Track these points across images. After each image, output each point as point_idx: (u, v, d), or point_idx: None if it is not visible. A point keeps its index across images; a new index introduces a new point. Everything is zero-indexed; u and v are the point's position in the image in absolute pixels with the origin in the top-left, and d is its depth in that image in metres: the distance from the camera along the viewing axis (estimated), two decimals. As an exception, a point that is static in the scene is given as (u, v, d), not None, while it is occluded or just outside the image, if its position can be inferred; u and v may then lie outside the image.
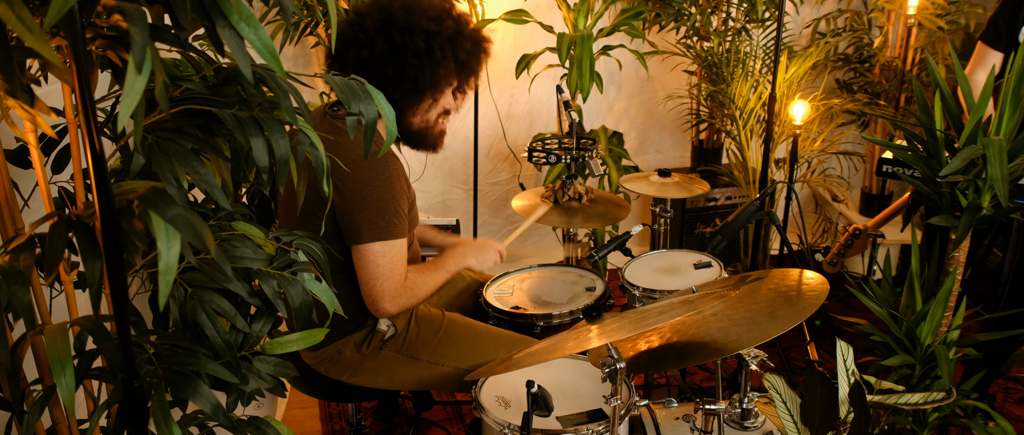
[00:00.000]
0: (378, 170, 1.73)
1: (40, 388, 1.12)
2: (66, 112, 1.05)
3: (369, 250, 1.76)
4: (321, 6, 2.67)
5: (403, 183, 1.80)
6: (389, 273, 1.78)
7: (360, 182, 1.72)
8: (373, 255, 1.76)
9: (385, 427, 2.57)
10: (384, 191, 1.74)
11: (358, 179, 1.72)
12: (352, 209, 1.73)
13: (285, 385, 1.21)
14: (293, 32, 2.85)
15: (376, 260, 1.76)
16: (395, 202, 1.76)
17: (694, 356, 1.44)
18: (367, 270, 1.77)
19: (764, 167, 2.95)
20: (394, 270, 1.79)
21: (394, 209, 1.76)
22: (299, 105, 1.03)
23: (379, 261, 1.76)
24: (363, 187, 1.72)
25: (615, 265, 3.60)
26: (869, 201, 3.83)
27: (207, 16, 0.88)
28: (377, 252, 1.76)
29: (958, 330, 1.76)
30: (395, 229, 1.77)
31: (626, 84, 3.86)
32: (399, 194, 1.77)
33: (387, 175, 1.74)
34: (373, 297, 1.80)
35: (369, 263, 1.77)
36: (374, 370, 1.91)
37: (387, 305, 1.81)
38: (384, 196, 1.74)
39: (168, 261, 0.85)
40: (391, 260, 1.78)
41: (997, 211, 1.65)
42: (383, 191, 1.74)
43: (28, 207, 1.40)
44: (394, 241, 1.77)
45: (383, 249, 1.76)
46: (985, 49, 2.40)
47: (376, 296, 1.79)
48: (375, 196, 1.73)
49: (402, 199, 1.79)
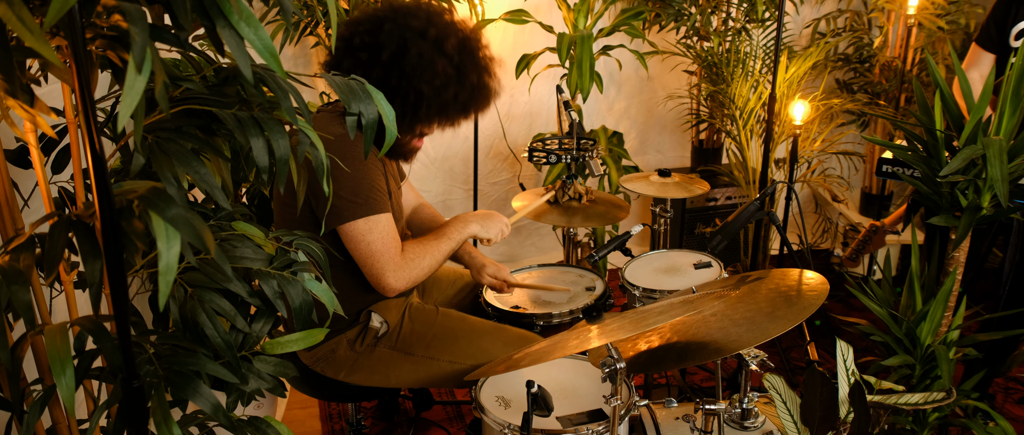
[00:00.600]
0: (345, 150, 1.71)
1: (40, 388, 1.12)
2: (66, 112, 1.05)
3: (354, 228, 1.73)
4: (321, 6, 2.67)
5: (375, 161, 1.77)
6: (382, 247, 1.76)
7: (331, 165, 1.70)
8: (359, 233, 1.74)
9: (385, 427, 2.57)
10: (355, 168, 1.71)
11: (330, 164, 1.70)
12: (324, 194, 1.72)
13: (285, 385, 1.21)
14: (293, 32, 2.85)
15: (365, 237, 1.74)
16: (368, 177, 1.73)
17: (694, 356, 1.44)
18: (360, 249, 1.76)
19: (764, 167, 2.95)
20: (387, 243, 1.76)
21: (369, 184, 1.73)
22: (299, 105, 1.03)
23: (367, 238, 1.74)
24: (334, 169, 1.69)
25: (615, 265, 3.60)
26: (869, 201, 3.83)
27: (207, 16, 0.88)
28: (362, 229, 1.74)
29: (958, 330, 1.76)
30: (374, 204, 1.74)
31: (626, 84, 3.86)
32: (371, 171, 1.74)
33: (353, 154, 1.71)
34: (375, 275, 1.78)
35: (359, 242, 1.75)
36: (370, 368, 1.91)
37: (391, 280, 1.78)
38: (356, 174, 1.71)
39: (168, 261, 0.85)
40: (381, 235, 1.75)
41: (997, 211, 1.65)
42: (354, 168, 1.70)
43: (28, 207, 1.40)
44: (378, 216, 1.75)
45: (367, 225, 1.74)
46: (977, 50, 2.45)
47: (378, 273, 1.77)
48: (347, 176, 1.70)
49: (376, 174, 1.76)
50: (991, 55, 2.41)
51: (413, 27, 1.73)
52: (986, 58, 2.42)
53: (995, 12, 2.38)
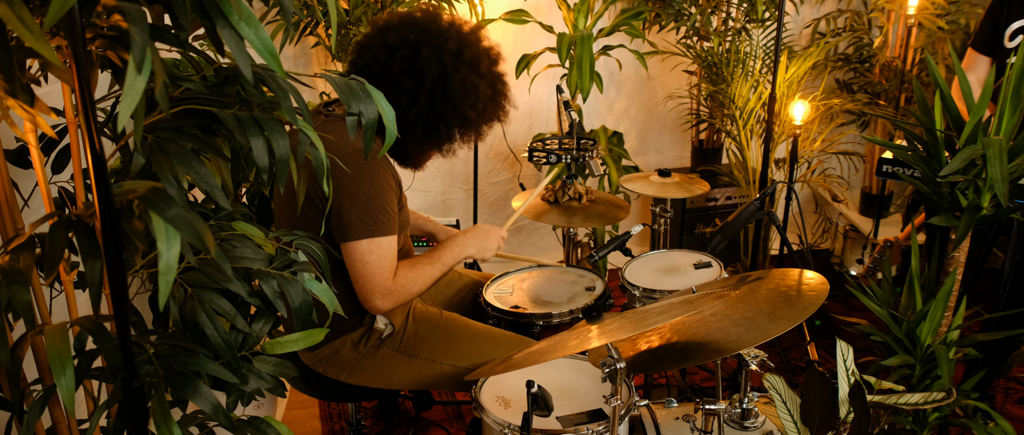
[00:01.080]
0: (364, 167, 1.73)
1: (40, 388, 1.12)
2: (66, 112, 1.05)
3: (356, 247, 1.75)
4: (321, 6, 2.67)
5: (391, 181, 1.80)
6: (377, 271, 1.78)
7: (347, 179, 1.71)
8: (360, 252, 1.76)
9: (385, 427, 2.57)
10: (371, 188, 1.73)
11: (345, 176, 1.71)
12: (341, 207, 1.73)
13: (285, 385, 1.21)
14: (293, 32, 2.85)
15: (364, 258, 1.76)
16: (382, 199, 1.75)
17: (694, 356, 1.44)
18: (356, 267, 1.77)
19: (764, 167, 2.95)
20: (382, 267, 1.78)
21: (381, 206, 1.75)
22: (299, 105, 1.03)
23: (367, 259, 1.76)
24: (350, 184, 1.72)
25: (615, 265, 3.60)
26: (869, 201, 3.83)
27: (207, 16, 0.88)
28: (364, 249, 1.76)
29: (958, 330, 1.76)
30: (382, 226, 1.76)
31: (626, 84, 3.86)
32: (386, 191, 1.77)
33: (374, 172, 1.74)
34: (364, 294, 1.80)
35: (357, 260, 1.77)
36: (372, 369, 1.91)
37: (378, 302, 1.81)
38: (371, 193, 1.73)
39: (168, 261, 0.85)
40: (379, 258, 1.77)
41: (997, 211, 1.65)
42: (370, 188, 1.73)
43: (28, 207, 1.40)
44: (382, 238, 1.77)
45: (370, 246, 1.76)
46: (973, 54, 2.48)
47: (367, 293, 1.80)
48: (362, 193, 1.73)
49: (390, 196, 1.78)
50: (987, 58, 2.44)
51: (449, 50, 1.78)
52: (982, 61, 2.45)
53: (988, 15, 2.42)
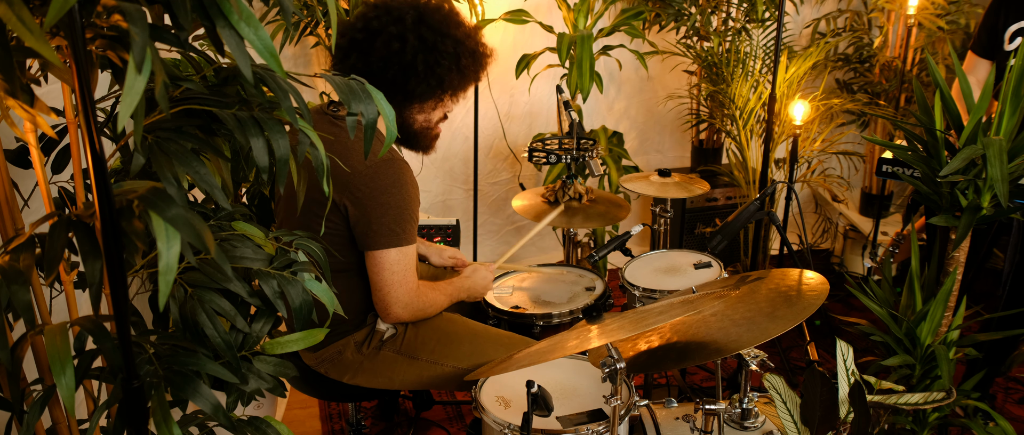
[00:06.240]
0: (394, 176, 1.73)
1: (40, 388, 1.12)
2: (66, 112, 1.05)
3: (385, 256, 1.76)
4: (321, 6, 2.67)
5: (416, 189, 1.81)
6: (403, 280, 1.79)
7: (377, 188, 1.72)
8: (389, 262, 1.76)
9: (385, 427, 2.57)
10: (401, 197, 1.74)
11: (375, 185, 1.71)
12: (370, 216, 1.72)
13: (285, 385, 1.21)
14: (293, 32, 2.85)
15: (392, 267, 1.77)
16: (410, 209, 1.77)
17: (694, 356, 1.44)
18: (382, 276, 1.78)
19: (764, 167, 2.95)
20: (407, 276, 1.79)
21: (409, 215, 1.76)
22: (299, 105, 1.03)
23: (394, 268, 1.77)
24: (380, 193, 1.72)
25: (615, 265, 3.60)
26: (869, 201, 3.83)
27: (207, 16, 0.88)
28: (393, 259, 1.76)
29: (958, 330, 1.76)
30: (410, 235, 1.78)
31: (626, 84, 3.86)
32: (414, 200, 1.78)
33: (403, 181, 1.75)
34: (387, 303, 1.80)
35: (384, 269, 1.77)
36: (374, 370, 1.91)
37: (400, 311, 1.82)
38: (401, 203, 1.74)
39: (168, 261, 0.85)
40: (405, 267, 1.78)
41: (997, 211, 1.65)
42: (400, 197, 1.74)
43: (28, 207, 1.40)
44: (408, 247, 1.78)
45: (398, 255, 1.77)
46: (973, 57, 2.49)
47: (390, 302, 1.80)
48: (393, 203, 1.73)
49: (416, 205, 1.80)
50: (986, 61, 2.44)
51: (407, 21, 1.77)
52: (982, 64, 2.46)
53: (985, 19, 2.43)
